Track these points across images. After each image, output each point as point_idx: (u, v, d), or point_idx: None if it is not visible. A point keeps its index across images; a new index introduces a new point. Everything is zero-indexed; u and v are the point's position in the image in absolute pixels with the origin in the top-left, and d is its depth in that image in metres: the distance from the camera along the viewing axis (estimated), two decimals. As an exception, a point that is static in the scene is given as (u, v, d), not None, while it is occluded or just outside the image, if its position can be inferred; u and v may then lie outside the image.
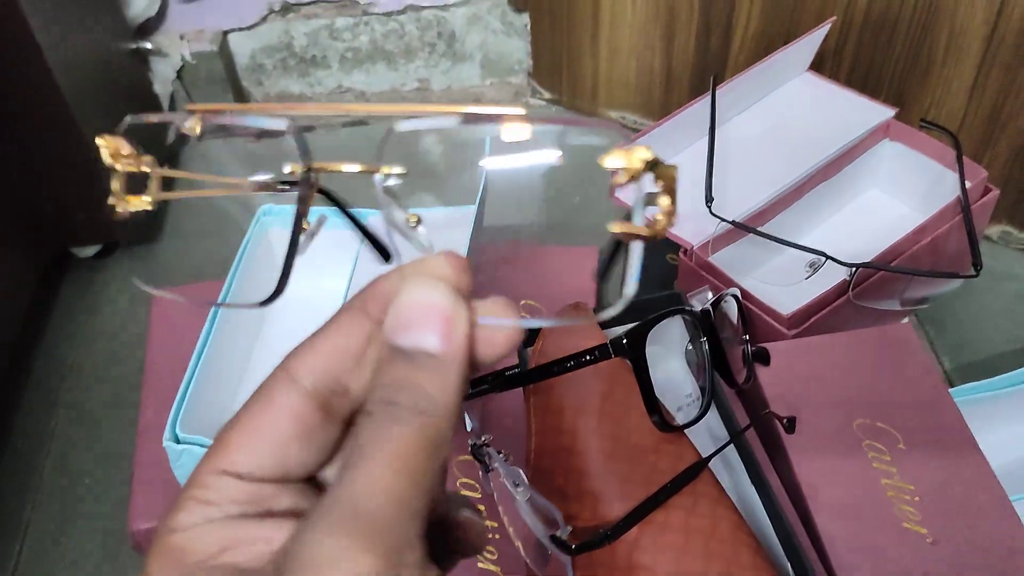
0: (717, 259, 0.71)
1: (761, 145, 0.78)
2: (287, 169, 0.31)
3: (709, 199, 0.68)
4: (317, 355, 0.25)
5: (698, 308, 0.57)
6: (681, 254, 0.72)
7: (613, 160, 0.24)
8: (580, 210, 0.99)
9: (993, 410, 0.72)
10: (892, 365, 0.64)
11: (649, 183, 0.25)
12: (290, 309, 0.80)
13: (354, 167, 0.30)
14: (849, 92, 0.80)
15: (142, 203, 0.33)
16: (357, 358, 0.25)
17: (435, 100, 1.15)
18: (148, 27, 1.05)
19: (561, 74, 1.09)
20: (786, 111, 0.80)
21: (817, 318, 0.67)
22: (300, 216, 0.29)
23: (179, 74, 1.07)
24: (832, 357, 0.64)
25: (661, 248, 0.84)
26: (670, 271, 0.80)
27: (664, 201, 0.25)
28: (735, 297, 0.62)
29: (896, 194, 0.81)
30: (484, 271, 0.87)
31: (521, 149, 0.26)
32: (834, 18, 0.78)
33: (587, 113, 1.10)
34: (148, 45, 1.02)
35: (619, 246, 0.25)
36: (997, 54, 0.80)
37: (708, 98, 0.76)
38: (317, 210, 0.31)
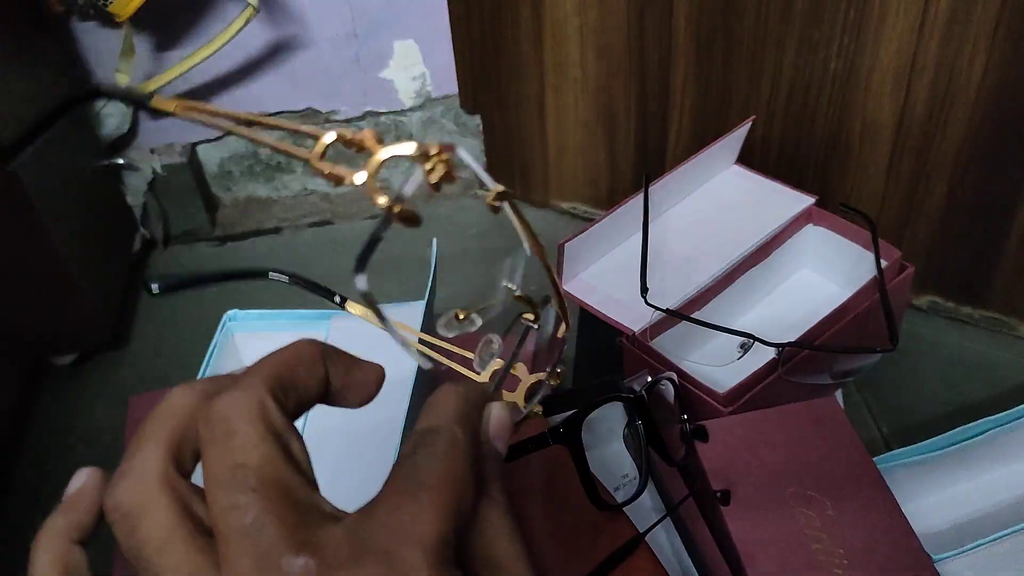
0: (658, 343, 0.76)
1: (695, 234, 0.84)
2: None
3: (644, 289, 0.74)
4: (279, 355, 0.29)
5: (640, 390, 0.62)
6: (624, 340, 0.77)
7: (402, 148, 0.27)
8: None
9: (926, 473, 0.77)
10: (820, 437, 0.68)
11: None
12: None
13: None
14: (774, 182, 0.86)
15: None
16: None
17: (396, 198, 1.21)
18: (120, 143, 1.11)
19: (513, 169, 1.16)
20: (717, 202, 0.87)
21: (751, 395, 0.71)
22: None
23: (150, 185, 1.12)
24: (765, 431, 0.69)
25: (611, 332, 0.89)
26: (620, 354, 0.85)
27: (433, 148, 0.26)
28: (670, 380, 0.67)
29: (824, 274, 0.87)
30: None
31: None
32: (754, 117, 0.85)
33: (540, 205, 1.16)
34: (120, 160, 1.08)
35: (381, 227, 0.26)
36: (906, 141, 0.87)
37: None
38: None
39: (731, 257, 0.80)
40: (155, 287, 0.63)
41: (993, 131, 0.83)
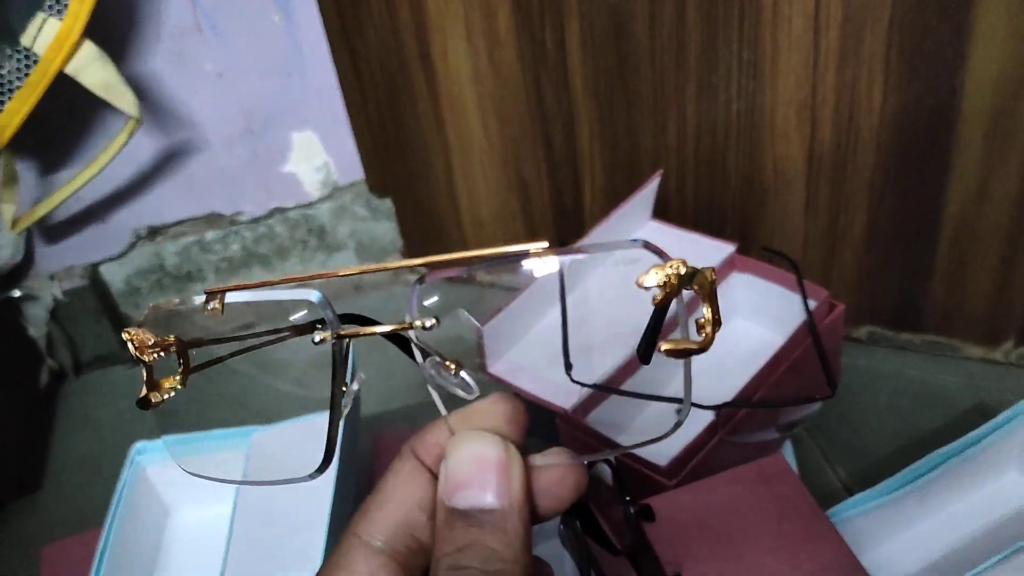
0: (593, 418, 0.72)
1: (618, 299, 0.81)
2: (317, 338, 0.30)
3: (568, 366, 0.70)
4: (385, 513, 0.23)
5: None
6: (558, 419, 0.73)
7: (650, 278, 0.24)
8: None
9: (887, 516, 0.74)
10: (770, 498, 0.65)
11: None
12: (177, 545, 0.79)
13: (384, 328, 0.30)
14: (692, 234, 0.84)
15: (174, 383, 0.33)
16: (426, 511, 0.23)
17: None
18: (16, 274, 1.05)
19: (433, 248, 1.13)
20: (637, 260, 0.84)
21: (695, 462, 0.68)
22: (338, 380, 0.28)
23: (53, 313, 1.06)
24: (713, 501, 0.65)
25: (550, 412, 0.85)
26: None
27: (706, 311, 0.24)
28: (606, 461, 0.63)
29: (756, 321, 0.84)
30: (381, 461, 0.86)
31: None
32: (661, 170, 0.82)
33: (464, 280, 1.12)
34: (16, 293, 1.02)
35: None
36: (820, 174, 0.86)
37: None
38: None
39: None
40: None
41: (901, 154, 0.82)
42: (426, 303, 0.29)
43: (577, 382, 0.69)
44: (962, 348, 0.92)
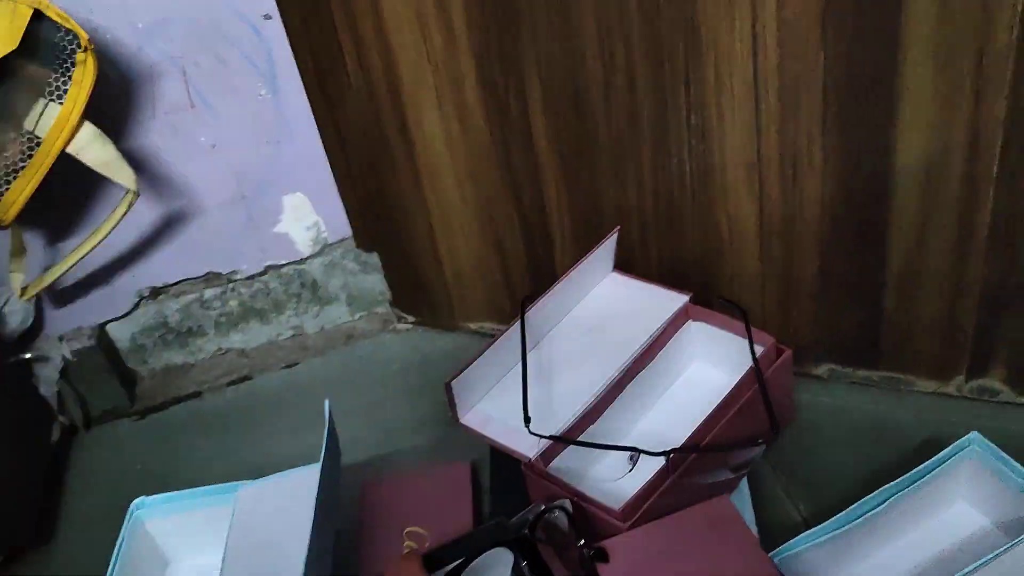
0: (556, 465, 0.78)
1: (581, 349, 0.87)
2: None
3: (527, 420, 0.76)
4: None
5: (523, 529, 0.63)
6: (523, 467, 0.78)
7: None
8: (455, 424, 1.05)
9: (840, 550, 0.78)
10: (717, 539, 0.70)
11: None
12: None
13: None
14: (649, 285, 0.90)
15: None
16: None
17: (311, 343, 1.23)
18: (27, 337, 1.12)
19: (418, 299, 1.19)
20: (598, 313, 0.90)
21: (649, 504, 0.73)
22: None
23: (63, 373, 1.13)
24: (664, 542, 0.70)
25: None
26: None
27: None
28: (561, 508, 0.69)
29: (714, 365, 0.89)
30: (368, 508, 0.92)
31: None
32: (618, 227, 0.88)
33: (449, 329, 1.18)
34: (28, 355, 1.09)
35: None
36: (771, 227, 0.91)
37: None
38: None
39: (617, 366, 0.82)
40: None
41: (845, 204, 0.87)
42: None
43: (535, 434, 0.74)
44: (916, 383, 0.96)
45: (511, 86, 0.94)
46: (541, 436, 0.74)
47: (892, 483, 0.78)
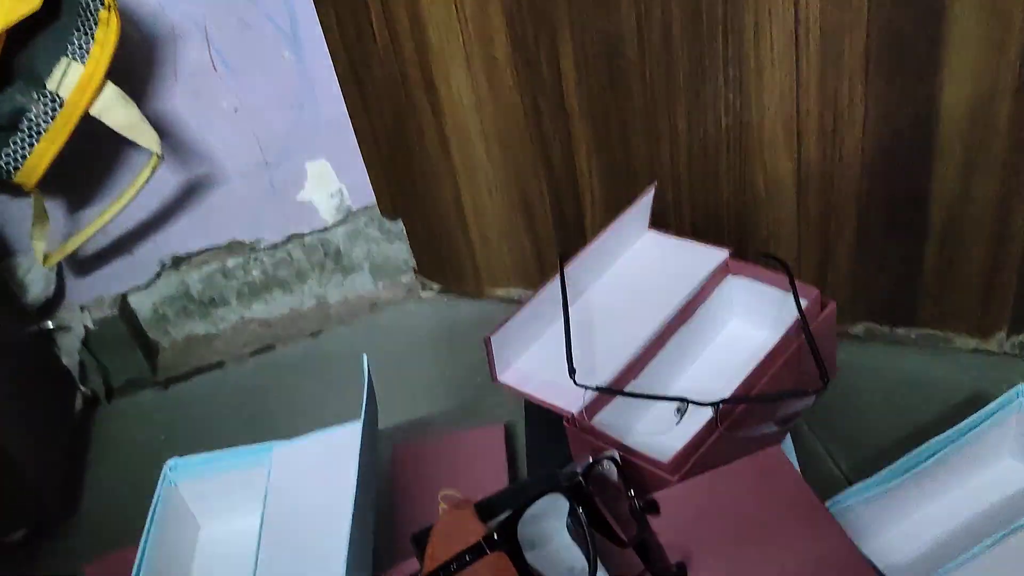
0: (600, 420, 0.76)
1: (620, 305, 0.85)
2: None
3: (572, 371, 0.74)
4: None
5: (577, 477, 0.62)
6: (566, 422, 0.76)
7: None
8: (484, 389, 1.04)
9: (886, 505, 0.77)
10: (769, 490, 0.68)
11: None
12: (208, 559, 0.82)
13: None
14: (688, 242, 0.88)
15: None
16: None
17: (334, 312, 1.22)
18: (48, 306, 1.10)
19: (443, 266, 1.17)
20: (636, 270, 0.88)
21: (696, 458, 0.71)
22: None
23: (84, 342, 1.12)
24: (715, 495, 0.68)
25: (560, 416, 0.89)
26: (567, 437, 0.85)
27: None
28: (611, 459, 0.67)
29: (753, 322, 0.87)
30: (400, 471, 0.91)
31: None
32: (655, 183, 0.87)
33: (476, 296, 1.17)
34: (50, 324, 1.08)
35: None
36: (808, 184, 0.90)
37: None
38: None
39: (656, 323, 0.81)
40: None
41: (886, 161, 0.86)
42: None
43: (581, 385, 0.73)
44: (956, 340, 0.95)
45: (542, 43, 0.92)
46: (587, 387, 0.73)
47: (939, 437, 0.76)
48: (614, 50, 0.90)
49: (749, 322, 0.88)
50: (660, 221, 0.96)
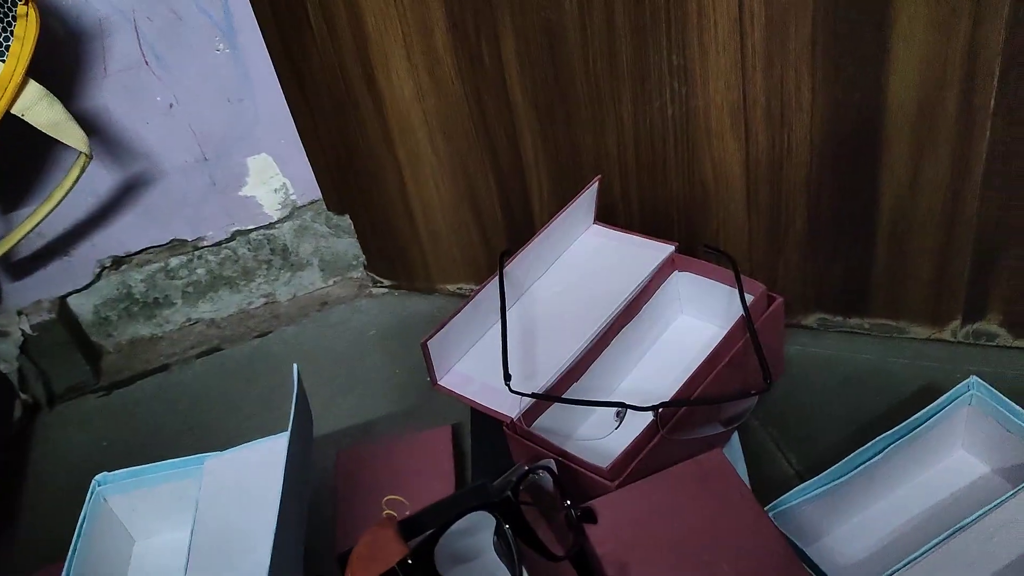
0: (540, 425, 0.74)
1: (563, 304, 0.83)
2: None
3: (507, 378, 0.72)
4: None
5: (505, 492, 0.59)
6: (505, 428, 0.74)
7: None
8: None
9: (834, 503, 0.75)
10: (709, 494, 0.66)
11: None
12: (142, 572, 0.80)
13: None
14: (634, 236, 0.86)
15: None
16: None
17: (283, 311, 1.19)
18: (-18, 311, 1.07)
19: (393, 262, 1.14)
20: (581, 266, 0.86)
21: (637, 463, 0.69)
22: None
23: (23, 348, 1.08)
24: (654, 500, 0.67)
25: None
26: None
27: None
28: (546, 468, 0.65)
29: (701, 317, 0.86)
30: (345, 477, 0.88)
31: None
32: (599, 176, 0.84)
33: (426, 291, 1.14)
34: (-17, 330, 1.04)
35: None
36: (757, 173, 0.87)
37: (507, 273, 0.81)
38: None
39: (602, 319, 0.79)
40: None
41: (834, 150, 0.83)
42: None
43: (516, 392, 0.71)
44: (910, 330, 0.93)
45: (482, 31, 0.89)
46: (522, 394, 0.71)
47: (888, 432, 0.75)
48: (556, 39, 0.87)
49: (697, 318, 0.86)
50: (608, 214, 0.93)
